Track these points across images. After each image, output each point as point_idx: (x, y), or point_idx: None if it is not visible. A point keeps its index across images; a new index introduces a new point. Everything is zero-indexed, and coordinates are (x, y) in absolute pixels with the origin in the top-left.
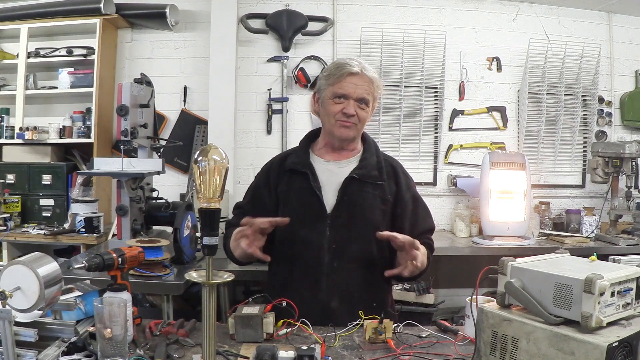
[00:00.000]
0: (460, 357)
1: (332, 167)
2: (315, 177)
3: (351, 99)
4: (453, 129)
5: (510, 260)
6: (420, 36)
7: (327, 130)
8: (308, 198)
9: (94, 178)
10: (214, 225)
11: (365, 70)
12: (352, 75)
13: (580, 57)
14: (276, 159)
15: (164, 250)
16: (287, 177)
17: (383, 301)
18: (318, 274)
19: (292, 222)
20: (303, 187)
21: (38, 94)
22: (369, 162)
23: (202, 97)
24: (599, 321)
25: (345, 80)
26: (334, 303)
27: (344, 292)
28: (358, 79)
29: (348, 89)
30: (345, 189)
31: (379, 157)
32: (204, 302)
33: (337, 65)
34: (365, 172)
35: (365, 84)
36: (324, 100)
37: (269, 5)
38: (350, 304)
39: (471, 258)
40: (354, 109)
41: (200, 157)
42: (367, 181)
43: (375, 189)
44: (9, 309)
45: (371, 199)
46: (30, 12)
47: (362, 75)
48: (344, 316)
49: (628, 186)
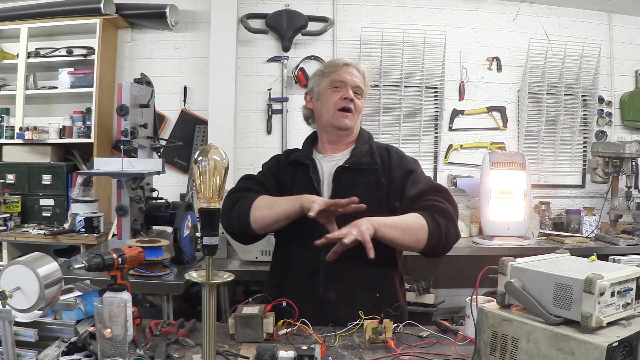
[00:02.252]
0: (460, 357)
1: (328, 160)
2: (316, 169)
3: (349, 86)
4: (453, 129)
5: (510, 260)
6: (420, 36)
7: (324, 124)
8: (307, 190)
9: (94, 178)
10: (214, 225)
11: (358, 63)
12: (347, 66)
13: (580, 57)
14: (283, 153)
15: (164, 250)
16: (291, 169)
17: (387, 289)
18: (315, 267)
19: None
20: (304, 179)
21: (38, 94)
22: (359, 150)
23: (202, 97)
24: (599, 321)
25: (342, 69)
26: (332, 295)
27: (342, 284)
28: (352, 69)
29: (345, 76)
30: (338, 179)
31: (371, 145)
32: (204, 302)
33: (330, 61)
34: (355, 160)
35: (359, 75)
36: (321, 92)
37: (269, 5)
38: (349, 296)
39: (471, 258)
40: (352, 94)
41: (200, 157)
42: (359, 169)
43: (368, 175)
44: (9, 309)
45: (365, 187)
46: (30, 12)
47: (355, 67)
48: (343, 308)
49: (628, 186)
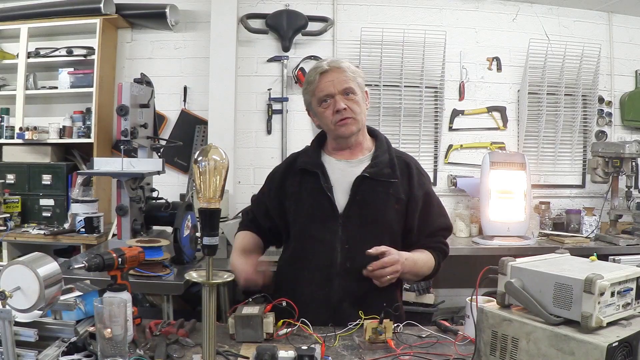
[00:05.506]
0: (460, 357)
1: (343, 166)
2: (327, 177)
3: (336, 95)
4: (453, 129)
5: (510, 260)
6: (420, 36)
7: (331, 135)
8: (319, 198)
9: (94, 178)
10: (214, 225)
11: (335, 63)
12: (324, 74)
13: (580, 57)
14: (281, 165)
15: (164, 250)
16: (298, 177)
17: (392, 300)
18: (330, 275)
19: (304, 222)
20: (315, 187)
21: (38, 94)
22: (380, 160)
23: (202, 97)
24: (599, 321)
25: (320, 81)
26: (346, 304)
27: (356, 293)
28: (331, 74)
29: (327, 88)
30: (357, 188)
31: (391, 154)
32: (204, 302)
33: (308, 74)
34: (377, 170)
35: (342, 75)
36: (315, 110)
37: (269, 5)
38: (362, 306)
39: (471, 258)
40: (343, 103)
41: (200, 157)
42: (379, 179)
43: (388, 187)
44: (9, 309)
45: (384, 198)
46: (30, 12)
47: (333, 69)
48: (355, 317)
49: (628, 186)
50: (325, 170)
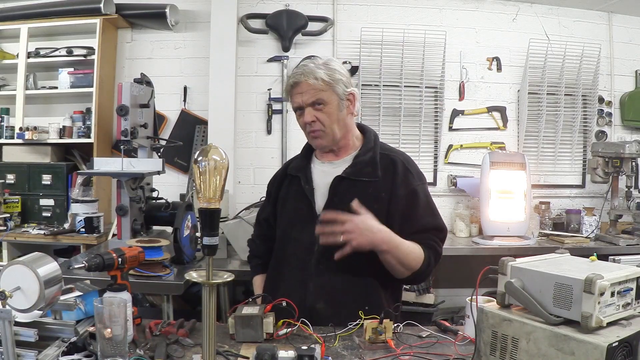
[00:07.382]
0: (460, 357)
1: (327, 168)
2: (308, 179)
3: (305, 108)
4: (453, 129)
5: (510, 260)
6: (420, 36)
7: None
8: (300, 200)
9: (94, 178)
10: (214, 225)
11: (307, 75)
12: (295, 86)
13: (580, 57)
14: (279, 170)
15: (164, 250)
16: (288, 181)
17: (377, 304)
18: (305, 276)
19: (286, 225)
20: (298, 190)
21: (38, 94)
22: (362, 160)
23: (202, 97)
24: (599, 321)
25: (293, 93)
26: (320, 305)
27: (329, 295)
28: (302, 87)
29: (297, 100)
30: (335, 189)
31: (375, 152)
32: (204, 302)
33: (287, 80)
34: (355, 170)
35: (309, 88)
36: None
37: (269, 5)
38: (335, 307)
39: (471, 258)
40: (310, 116)
41: (200, 157)
42: (357, 179)
43: (366, 187)
44: (9, 309)
45: (361, 198)
46: (30, 12)
47: (303, 82)
48: (329, 319)
49: (628, 186)
50: (310, 173)
